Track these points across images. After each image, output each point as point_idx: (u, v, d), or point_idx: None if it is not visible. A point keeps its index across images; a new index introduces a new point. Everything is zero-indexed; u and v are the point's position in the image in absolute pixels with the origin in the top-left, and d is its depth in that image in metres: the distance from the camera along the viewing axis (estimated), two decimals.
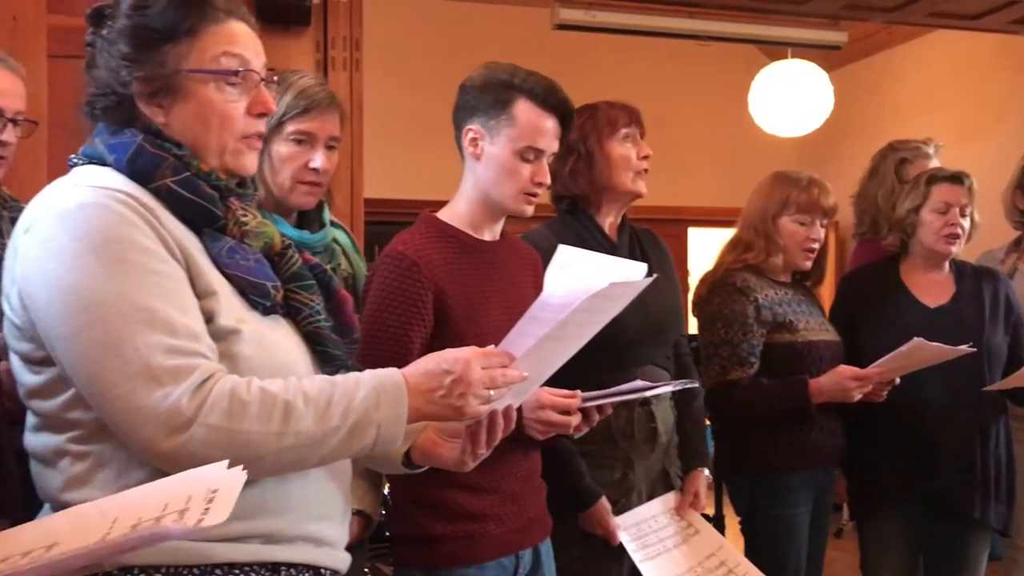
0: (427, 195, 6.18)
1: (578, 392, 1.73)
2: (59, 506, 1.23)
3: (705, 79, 6.75)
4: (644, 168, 2.30)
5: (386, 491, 2.30)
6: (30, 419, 1.28)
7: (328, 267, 1.96)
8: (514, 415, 1.39)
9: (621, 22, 4.35)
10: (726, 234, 2.77)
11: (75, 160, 1.32)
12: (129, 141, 1.27)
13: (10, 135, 1.92)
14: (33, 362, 1.24)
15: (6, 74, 1.96)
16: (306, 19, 3.23)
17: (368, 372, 1.27)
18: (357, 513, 1.86)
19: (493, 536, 1.86)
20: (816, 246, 2.64)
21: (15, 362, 1.27)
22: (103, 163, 1.28)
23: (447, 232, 1.91)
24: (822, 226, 2.64)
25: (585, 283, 1.29)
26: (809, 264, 2.66)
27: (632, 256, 2.30)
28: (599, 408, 1.76)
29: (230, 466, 0.99)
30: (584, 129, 2.28)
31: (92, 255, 1.16)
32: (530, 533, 1.94)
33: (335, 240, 2.06)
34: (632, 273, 1.44)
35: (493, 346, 1.32)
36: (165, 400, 1.13)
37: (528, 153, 1.88)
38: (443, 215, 1.95)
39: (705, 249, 7.37)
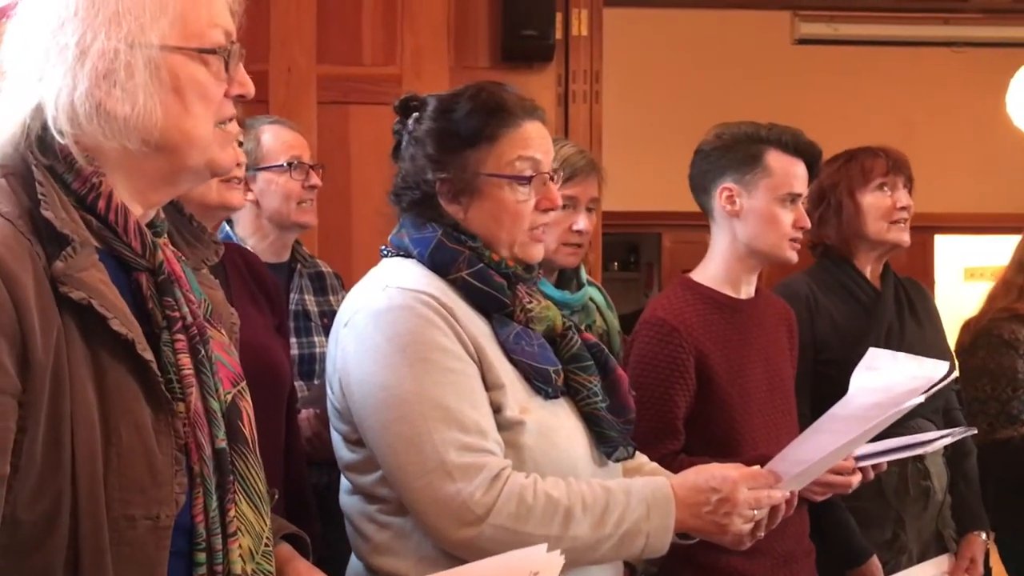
0: (658, 206, 6.19)
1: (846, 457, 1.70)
2: (369, 568, 1.39)
3: (954, 81, 6.31)
4: (902, 218, 2.22)
5: None
6: (345, 483, 1.44)
7: (584, 325, 2.05)
8: (795, 501, 1.44)
9: (867, 34, 4.14)
10: (976, 241, 2.61)
11: (386, 251, 1.47)
12: (430, 236, 1.40)
13: (316, 179, 2.19)
14: (350, 441, 1.39)
15: (291, 132, 2.21)
16: (549, 55, 3.33)
17: (640, 481, 1.36)
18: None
19: None
20: None
21: (336, 438, 1.42)
22: (408, 254, 1.42)
23: (703, 294, 1.93)
24: None
25: (889, 382, 1.34)
26: None
27: (897, 305, 2.24)
28: (874, 464, 1.75)
29: None
30: (836, 177, 2.26)
31: (400, 355, 1.30)
32: None
33: (590, 298, 2.13)
34: (936, 372, 1.42)
35: (759, 467, 1.38)
36: (457, 496, 1.26)
37: (788, 200, 1.90)
38: (697, 276, 1.97)
39: (953, 257, 6.92)
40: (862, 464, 1.72)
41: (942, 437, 1.81)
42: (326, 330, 2.14)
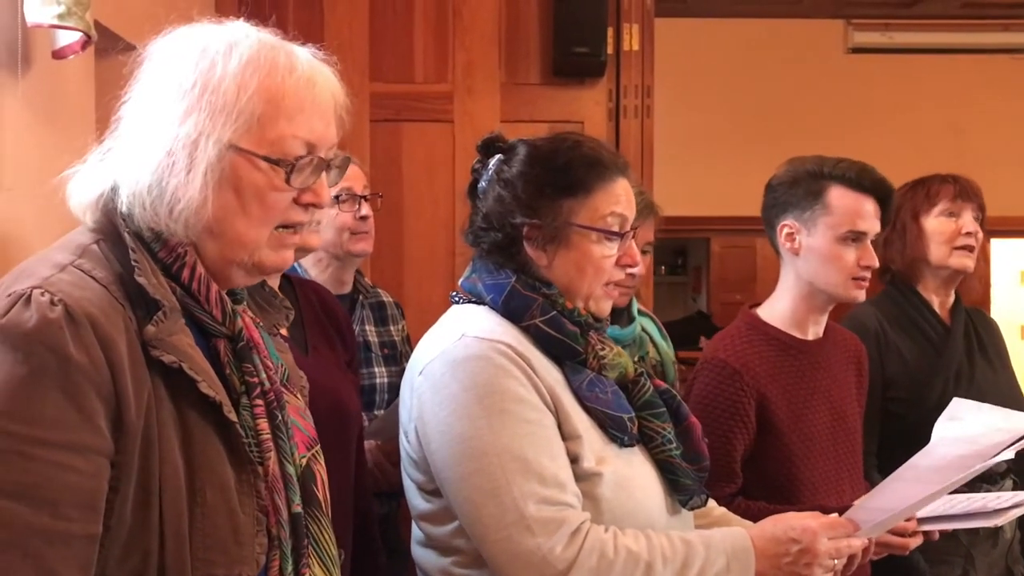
0: (707, 211, 6.18)
1: (915, 514, 1.67)
2: None
3: (1012, 86, 6.19)
4: (966, 244, 2.20)
5: None
6: (418, 534, 1.43)
7: (637, 356, 2.04)
8: (872, 549, 1.44)
9: (922, 41, 4.05)
10: None
11: (457, 298, 1.46)
12: (504, 283, 1.39)
13: (367, 210, 2.18)
14: (426, 491, 1.38)
15: None
16: (600, 71, 3.32)
17: (719, 533, 1.35)
18: None
19: None
20: None
21: (409, 487, 1.42)
22: (480, 300, 1.41)
23: (769, 334, 1.89)
24: None
25: (973, 434, 1.33)
26: None
27: (967, 343, 2.20)
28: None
29: None
30: (902, 200, 2.24)
31: (478, 405, 1.29)
32: None
33: (643, 329, 2.13)
34: (1022, 426, 1.41)
35: (837, 515, 1.36)
36: (538, 551, 1.25)
37: (849, 237, 1.84)
38: (764, 314, 1.93)
39: (1009, 260, 6.78)
40: (926, 528, 1.68)
41: (1017, 506, 1.71)
42: (386, 360, 2.17)
